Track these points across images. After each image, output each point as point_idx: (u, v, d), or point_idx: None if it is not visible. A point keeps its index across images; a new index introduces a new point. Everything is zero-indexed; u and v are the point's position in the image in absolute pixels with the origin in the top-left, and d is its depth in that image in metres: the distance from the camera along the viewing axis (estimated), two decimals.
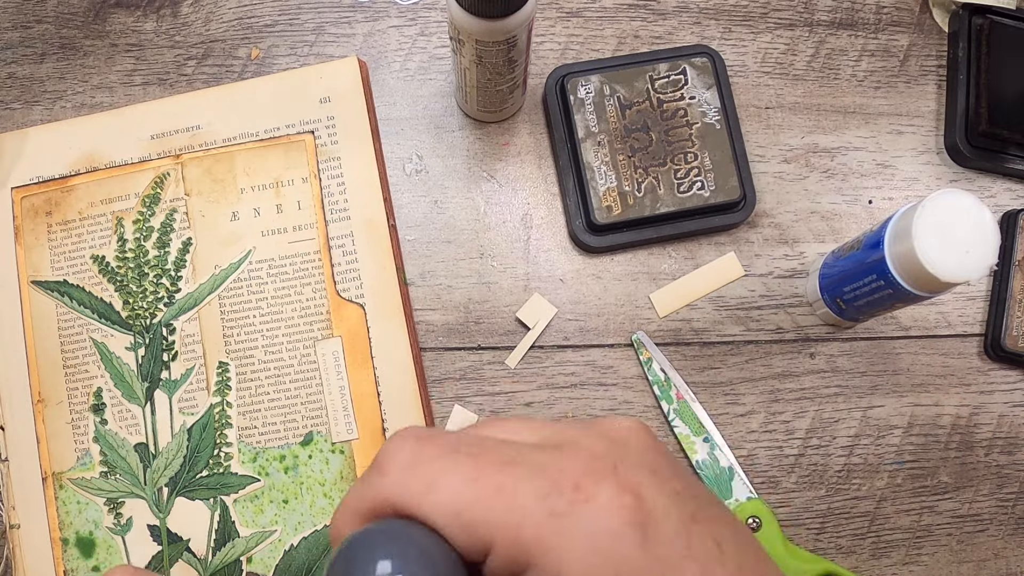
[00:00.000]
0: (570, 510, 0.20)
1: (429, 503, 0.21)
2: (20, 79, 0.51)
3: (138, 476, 0.46)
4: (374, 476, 0.22)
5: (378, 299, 0.47)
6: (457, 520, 0.20)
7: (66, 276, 0.48)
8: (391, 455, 0.22)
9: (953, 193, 0.38)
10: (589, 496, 0.20)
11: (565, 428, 0.23)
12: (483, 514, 0.20)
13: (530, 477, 0.20)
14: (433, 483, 0.21)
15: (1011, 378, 0.49)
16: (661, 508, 0.20)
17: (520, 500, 0.20)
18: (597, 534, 0.19)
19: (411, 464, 0.22)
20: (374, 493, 0.22)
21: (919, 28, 0.53)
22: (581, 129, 0.48)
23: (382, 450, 0.23)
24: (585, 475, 0.20)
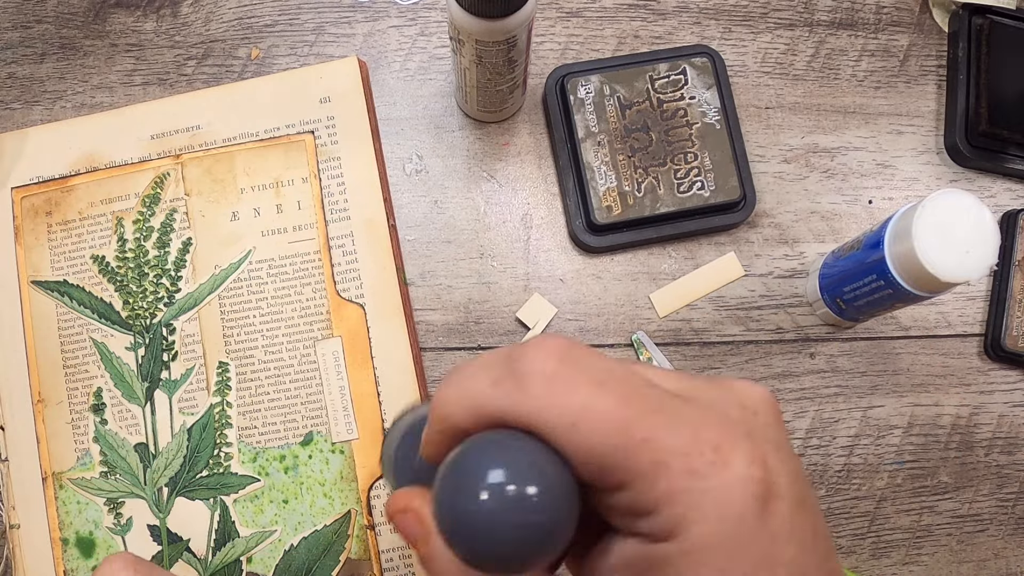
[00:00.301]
0: (707, 471, 0.20)
1: (571, 438, 0.20)
2: (20, 79, 0.51)
3: (138, 476, 0.46)
4: (510, 384, 0.21)
5: (378, 299, 0.47)
6: (597, 460, 0.20)
7: (66, 276, 0.48)
8: (534, 366, 0.21)
9: (953, 193, 0.38)
10: (726, 461, 0.20)
11: (701, 384, 0.23)
12: (624, 461, 0.20)
13: (674, 430, 0.20)
14: (578, 418, 0.20)
15: (1011, 378, 0.49)
16: (783, 485, 0.21)
17: (663, 454, 0.20)
18: (727, 500, 0.20)
19: (554, 384, 0.21)
20: (509, 403, 0.21)
21: (919, 28, 0.53)
22: (581, 129, 0.48)
23: (522, 355, 0.22)
24: (723, 438, 0.20)
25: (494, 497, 0.20)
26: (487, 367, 0.22)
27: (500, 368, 0.22)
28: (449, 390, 0.23)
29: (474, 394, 0.22)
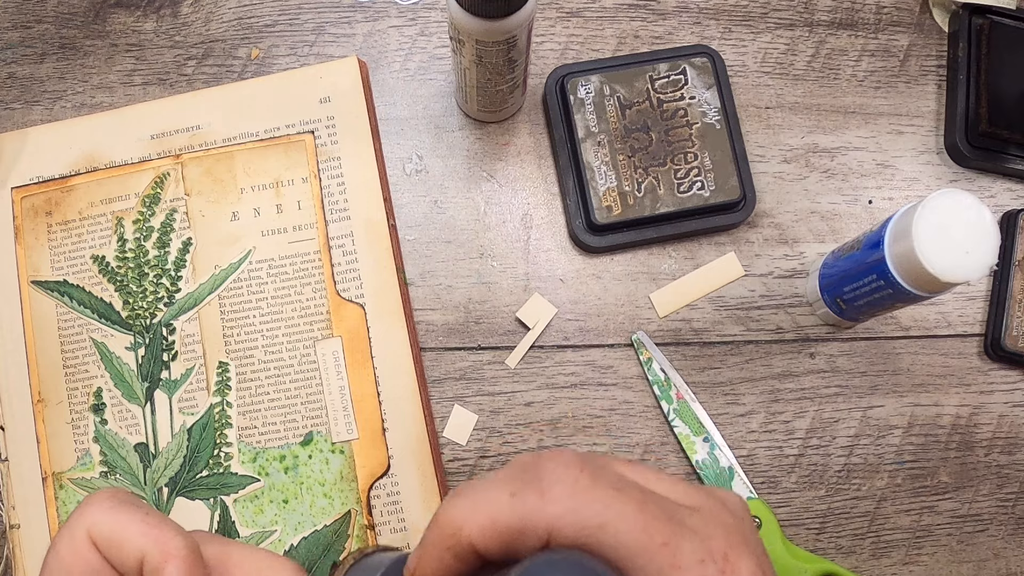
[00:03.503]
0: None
1: (600, 539, 0.21)
2: (20, 79, 0.51)
3: (138, 476, 0.46)
4: (532, 494, 0.22)
5: (378, 299, 0.47)
6: (623, 562, 0.21)
7: (66, 276, 0.48)
8: (556, 475, 0.22)
9: (953, 193, 0.38)
10: (735, 570, 0.22)
11: (692, 491, 0.24)
12: (647, 563, 0.21)
13: (688, 538, 0.22)
14: (605, 520, 0.22)
15: (1011, 378, 0.49)
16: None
17: (681, 559, 0.21)
18: None
19: (579, 491, 0.22)
20: (530, 512, 0.22)
21: (919, 28, 0.53)
22: (581, 129, 0.48)
23: (542, 467, 0.23)
24: (729, 548, 0.22)
25: None
26: (503, 481, 0.23)
27: (517, 481, 0.22)
28: (461, 504, 0.23)
29: (491, 507, 0.22)
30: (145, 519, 0.27)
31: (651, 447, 0.48)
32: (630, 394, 0.48)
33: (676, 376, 0.48)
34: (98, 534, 0.27)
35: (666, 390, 0.48)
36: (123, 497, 0.28)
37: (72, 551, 0.27)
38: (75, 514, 0.28)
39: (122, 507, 0.27)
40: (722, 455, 0.47)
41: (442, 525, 0.23)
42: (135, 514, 0.27)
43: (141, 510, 0.27)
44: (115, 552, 0.27)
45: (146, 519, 0.27)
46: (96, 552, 0.27)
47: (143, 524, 0.27)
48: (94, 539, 0.27)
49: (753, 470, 0.48)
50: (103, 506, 0.27)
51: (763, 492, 0.48)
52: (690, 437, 0.47)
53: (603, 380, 0.48)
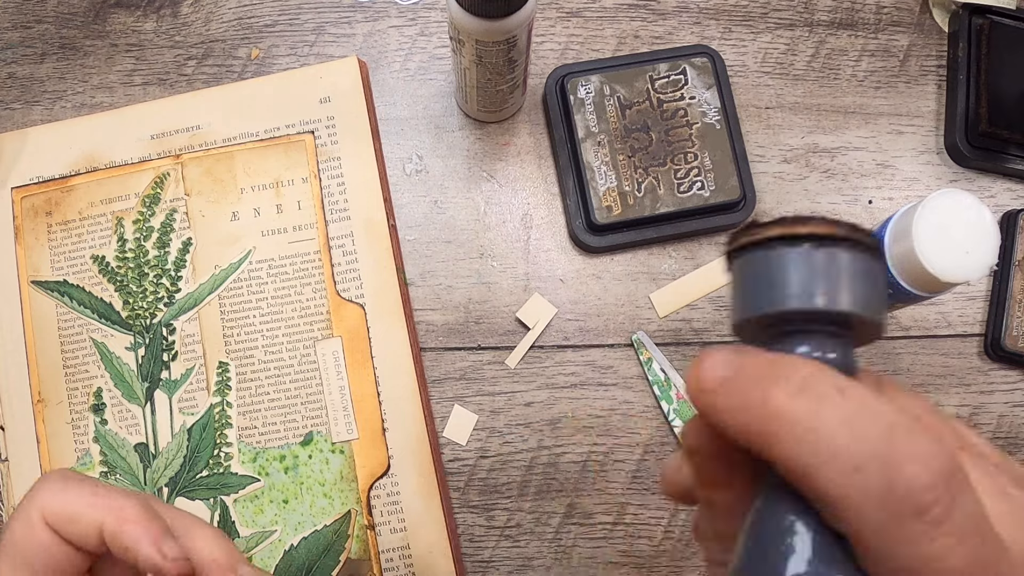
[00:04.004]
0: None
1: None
2: (20, 79, 0.51)
3: (138, 476, 0.46)
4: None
5: (378, 299, 0.47)
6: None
7: (66, 276, 0.48)
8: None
9: (953, 193, 0.38)
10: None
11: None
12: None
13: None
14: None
15: (1011, 378, 0.49)
16: None
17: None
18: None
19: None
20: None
21: (919, 28, 0.53)
22: (581, 129, 0.48)
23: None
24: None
25: None
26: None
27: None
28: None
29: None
30: (95, 491, 0.28)
31: (651, 447, 0.48)
32: (630, 394, 0.48)
33: (676, 376, 0.48)
34: (51, 513, 0.28)
35: (666, 390, 0.48)
36: (71, 475, 0.29)
37: (27, 533, 0.28)
38: (26, 497, 0.28)
39: (71, 483, 0.28)
40: None
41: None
42: (84, 488, 0.28)
43: (90, 484, 0.28)
44: (71, 528, 0.28)
45: (95, 491, 0.28)
46: (50, 532, 0.28)
47: (93, 496, 0.28)
48: (48, 519, 0.28)
49: None
50: (53, 487, 0.28)
51: None
52: None
53: (603, 380, 0.48)
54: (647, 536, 0.47)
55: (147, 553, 0.27)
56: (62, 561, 0.28)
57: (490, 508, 0.47)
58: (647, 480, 0.47)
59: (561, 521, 0.47)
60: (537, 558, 0.47)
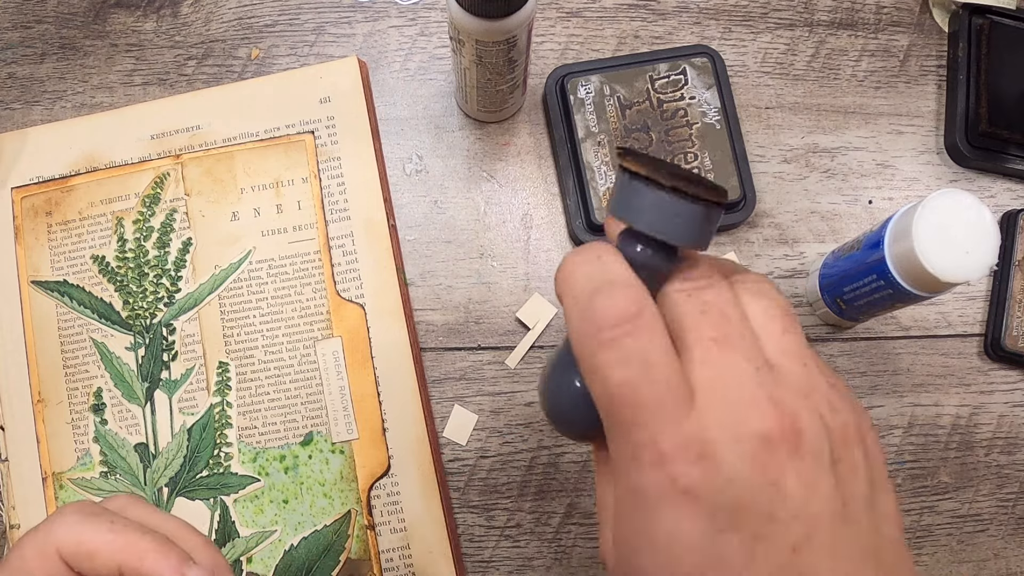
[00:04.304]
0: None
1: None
2: (20, 79, 0.51)
3: (138, 476, 0.46)
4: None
5: (378, 299, 0.47)
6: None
7: (66, 276, 0.48)
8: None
9: (953, 193, 0.38)
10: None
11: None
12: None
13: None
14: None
15: (1011, 378, 0.49)
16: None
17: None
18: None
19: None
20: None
21: (919, 28, 0.53)
22: (581, 129, 0.48)
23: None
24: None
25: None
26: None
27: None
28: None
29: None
30: (112, 528, 0.28)
31: None
32: None
33: None
34: (68, 551, 0.28)
35: None
36: (88, 510, 0.29)
37: (40, 564, 0.28)
38: (43, 528, 0.29)
39: (88, 520, 0.29)
40: None
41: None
42: (102, 525, 0.29)
43: (107, 520, 0.29)
44: (87, 564, 0.28)
45: (112, 528, 0.28)
46: (64, 567, 0.28)
47: (111, 533, 0.28)
48: (64, 555, 0.28)
49: None
50: (70, 520, 0.29)
51: None
52: None
53: None
54: None
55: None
56: None
57: (490, 508, 0.47)
58: None
59: (561, 521, 0.47)
60: (537, 558, 0.47)
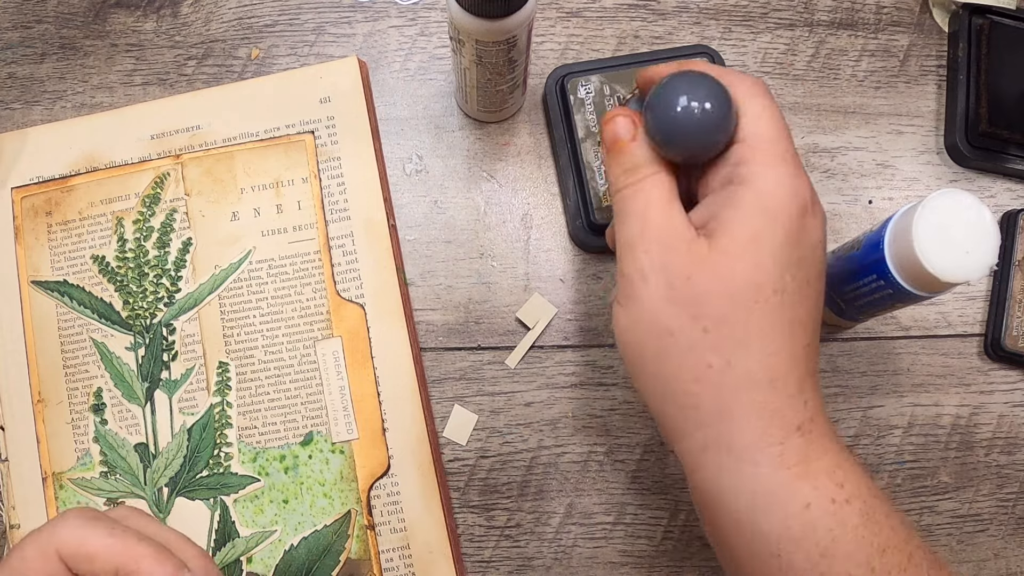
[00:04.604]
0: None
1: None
2: (20, 79, 0.51)
3: (138, 476, 0.46)
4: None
5: (378, 299, 0.47)
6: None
7: (66, 276, 0.48)
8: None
9: (953, 193, 0.38)
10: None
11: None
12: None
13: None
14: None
15: (1011, 378, 0.49)
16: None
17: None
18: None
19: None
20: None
21: (919, 28, 0.53)
22: (581, 129, 0.48)
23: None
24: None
25: (686, 106, 0.33)
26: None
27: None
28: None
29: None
30: (112, 532, 0.30)
31: (651, 447, 0.48)
32: (630, 394, 0.48)
33: None
34: (68, 553, 0.29)
35: None
36: (90, 515, 0.30)
37: (40, 565, 0.29)
38: (46, 530, 0.30)
39: (89, 524, 0.30)
40: None
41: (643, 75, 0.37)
42: (101, 529, 0.30)
43: (107, 525, 0.30)
44: (86, 566, 0.29)
45: (112, 532, 0.30)
46: (63, 567, 0.29)
47: (110, 539, 0.29)
48: (63, 556, 0.29)
49: None
50: (73, 523, 0.30)
51: None
52: None
53: (603, 380, 0.48)
54: (647, 536, 0.47)
55: None
56: None
57: (490, 508, 0.47)
58: (647, 480, 0.47)
59: (561, 521, 0.47)
60: (537, 558, 0.47)
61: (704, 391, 0.31)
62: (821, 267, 0.33)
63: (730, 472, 0.31)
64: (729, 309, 0.30)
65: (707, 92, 0.34)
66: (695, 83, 0.34)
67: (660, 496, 0.47)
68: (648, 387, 0.33)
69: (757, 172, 0.31)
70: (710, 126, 0.33)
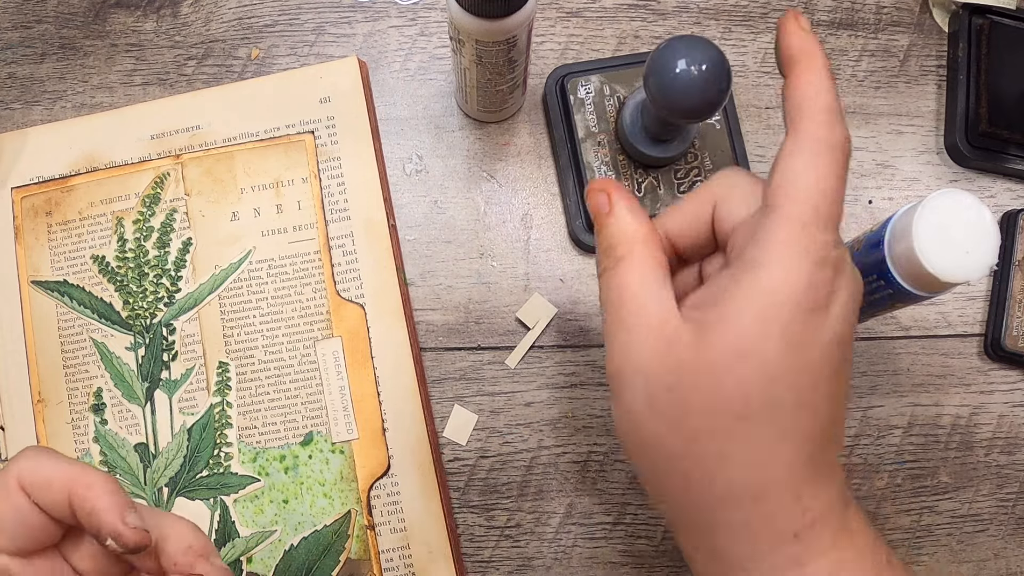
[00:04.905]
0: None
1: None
2: (20, 79, 0.51)
3: (138, 476, 0.46)
4: None
5: (378, 299, 0.47)
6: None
7: (66, 276, 0.48)
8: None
9: (953, 193, 0.38)
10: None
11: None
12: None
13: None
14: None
15: (1011, 378, 0.49)
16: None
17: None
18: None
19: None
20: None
21: (919, 28, 0.53)
22: (581, 129, 0.48)
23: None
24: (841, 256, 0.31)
25: (683, 70, 0.36)
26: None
27: None
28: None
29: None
30: (70, 463, 0.30)
31: None
32: None
33: None
34: (26, 480, 0.30)
35: None
36: (48, 450, 0.31)
37: (2, 496, 0.30)
38: (5, 467, 0.30)
39: (47, 454, 0.31)
40: None
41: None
42: (60, 459, 0.30)
43: (65, 458, 0.31)
44: (44, 493, 0.30)
45: (70, 463, 0.30)
46: (24, 496, 0.30)
47: (67, 466, 0.30)
48: (23, 485, 0.30)
49: None
50: (29, 455, 0.30)
51: None
52: None
53: (603, 380, 0.48)
54: (647, 536, 0.47)
55: (109, 519, 0.28)
56: (35, 527, 0.30)
57: (490, 508, 0.47)
58: None
59: (561, 521, 0.47)
60: (537, 558, 0.47)
61: (689, 502, 0.29)
62: (838, 364, 0.28)
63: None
64: (711, 423, 0.27)
65: (703, 54, 0.34)
66: (692, 45, 0.35)
67: None
68: (643, 474, 0.31)
69: (768, 258, 0.27)
70: (706, 86, 0.34)
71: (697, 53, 0.36)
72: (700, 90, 0.36)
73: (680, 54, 0.36)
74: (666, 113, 0.37)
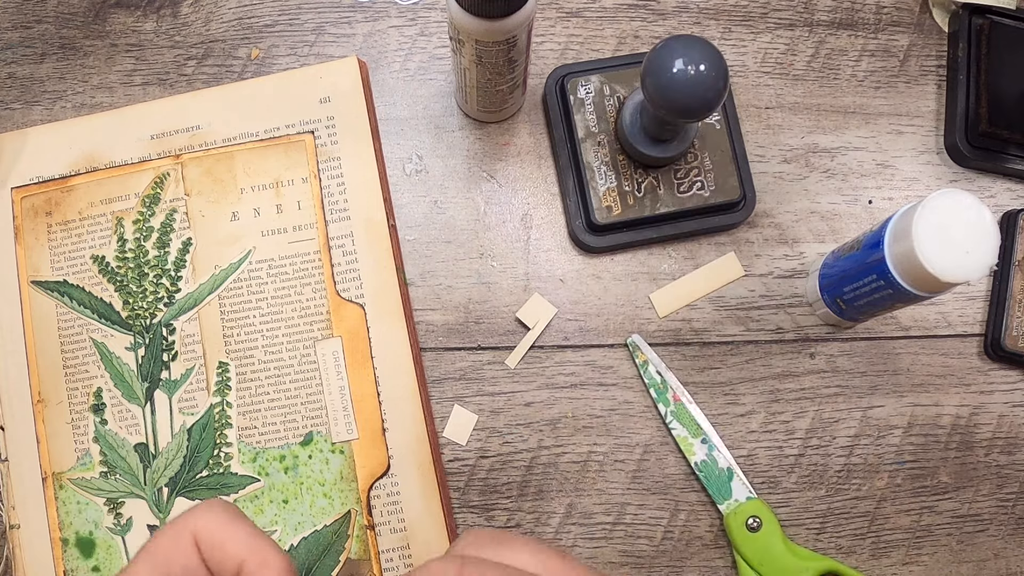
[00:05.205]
0: None
1: None
2: (20, 79, 0.51)
3: (138, 476, 0.46)
4: None
5: (378, 299, 0.47)
6: None
7: (66, 276, 0.48)
8: None
9: (953, 193, 0.38)
10: None
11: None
12: None
13: None
14: None
15: (1011, 378, 0.49)
16: None
17: None
18: None
19: None
20: None
21: (919, 28, 0.53)
22: (581, 129, 0.48)
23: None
24: None
25: (680, 70, 0.36)
26: None
27: None
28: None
29: None
30: (251, 532, 0.29)
31: (651, 447, 0.48)
32: (630, 394, 0.48)
33: (672, 378, 0.48)
34: (203, 537, 0.29)
35: (662, 392, 0.47)
36: (234, 511, 0.30)
37: (174, 545, 0.29)
38: (185, 515, 0.29)
39: (232, 518, 0.30)
40: (720, 456, 0.47)
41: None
42: (242, 526, 0.29)
43: (248, 524, 0.30)
44: (215, 553, 0.29)
45: (252, 532, 0.29)
46: (196, 551, 0.29)
47: (248, 535, 0.29)
48: (198, 540, 0.29)
49: (753, 470, 0.48)
50: (213, 511, 0.30)
51: (763, 492, 0.48)
52: (688, 439, 0.47)
53: (603, 380, 0.48)
54: (647, 536, 0.47)
55: None
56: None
57: (490, 508, 0.47)
58: (647, 480, 0.47)
59: (561, 521, 0.47)
60: None
61: None
62: None
63: None
64: None
65: (701, 54, 0.34)
66: (689, 45, 0.35)
67: (660, 496, 0.47)
68: None
69: None
70: (703, 86, 0.35)
71: (694, 53, 0.36)
72: (697, 90, 0.37)
73: (677, 54, 0.36)
74: (664, 113, 0.37)
